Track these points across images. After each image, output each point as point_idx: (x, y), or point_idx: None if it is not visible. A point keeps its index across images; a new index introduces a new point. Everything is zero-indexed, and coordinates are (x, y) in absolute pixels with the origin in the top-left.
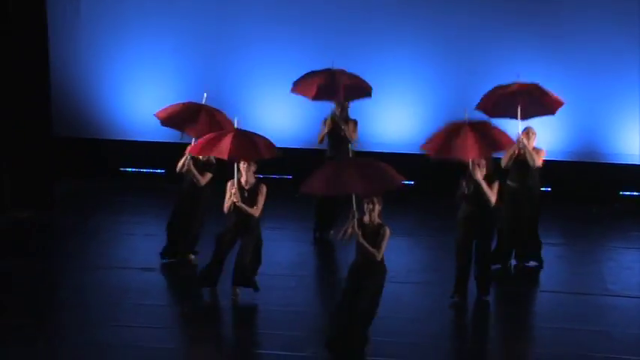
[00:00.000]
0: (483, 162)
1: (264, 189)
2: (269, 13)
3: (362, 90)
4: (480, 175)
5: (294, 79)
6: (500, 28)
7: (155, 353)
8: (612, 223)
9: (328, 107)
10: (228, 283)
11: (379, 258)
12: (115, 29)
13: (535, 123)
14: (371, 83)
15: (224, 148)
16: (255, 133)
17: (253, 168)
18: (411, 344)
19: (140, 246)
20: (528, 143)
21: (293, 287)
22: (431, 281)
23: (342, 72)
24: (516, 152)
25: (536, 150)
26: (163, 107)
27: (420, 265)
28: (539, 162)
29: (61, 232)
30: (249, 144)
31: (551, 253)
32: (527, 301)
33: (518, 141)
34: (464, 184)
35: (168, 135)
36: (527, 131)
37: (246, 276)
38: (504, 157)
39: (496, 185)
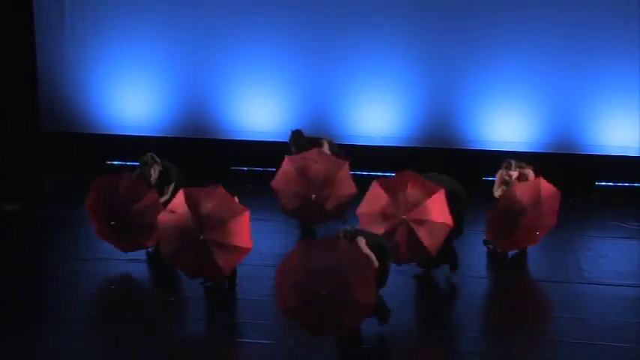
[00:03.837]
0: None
1: None
2: (256, 12)
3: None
4: None
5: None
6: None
7: (141, 344)
8: (589, 213)
9: (314, 104)
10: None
11: None
12: (102, 23)
13: (512, 114)
14: (353, 79)
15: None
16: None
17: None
18: (395, 332)
19: None
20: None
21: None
22: (413, 270)
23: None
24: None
25: (524, 174)
26: None
27: None
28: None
29: (49, 224)
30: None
31: None
32: (505, 289)
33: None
34: None
35: (154, 129)
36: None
37: None
38: (496, 189)
39: None
